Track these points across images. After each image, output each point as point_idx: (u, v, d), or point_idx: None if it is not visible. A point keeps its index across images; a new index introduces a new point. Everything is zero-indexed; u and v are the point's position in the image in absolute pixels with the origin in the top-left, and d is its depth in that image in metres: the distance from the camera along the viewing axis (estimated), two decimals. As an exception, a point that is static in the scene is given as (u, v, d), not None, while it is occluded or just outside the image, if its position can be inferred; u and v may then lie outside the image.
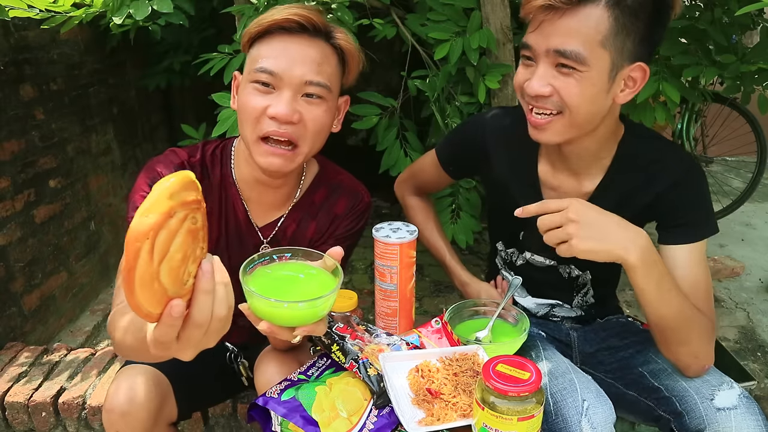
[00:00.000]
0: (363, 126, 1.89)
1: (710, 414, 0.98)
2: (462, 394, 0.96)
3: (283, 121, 0.99)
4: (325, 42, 1.04)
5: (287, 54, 1.00)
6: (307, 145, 1.04)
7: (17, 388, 1.63)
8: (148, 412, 1.08)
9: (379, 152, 1.91)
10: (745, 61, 1.55)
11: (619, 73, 0.99)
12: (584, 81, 0.98)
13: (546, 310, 1.34)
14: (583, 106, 1.00)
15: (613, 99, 1.03)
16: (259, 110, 1.00)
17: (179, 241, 0.58)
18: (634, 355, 1.20)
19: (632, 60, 0.99)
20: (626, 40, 0.96)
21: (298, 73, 1.00)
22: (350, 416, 0.95)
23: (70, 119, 2.33)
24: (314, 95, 1.02)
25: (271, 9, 1.03)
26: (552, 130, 1.05)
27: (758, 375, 1.91)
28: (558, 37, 0.96)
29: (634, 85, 1.02)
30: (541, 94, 1.01)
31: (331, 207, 1.19)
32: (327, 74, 1.03)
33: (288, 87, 1.00)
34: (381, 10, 1.92)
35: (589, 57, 0.96)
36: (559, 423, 0.97)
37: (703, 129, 3.55)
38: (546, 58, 0.99)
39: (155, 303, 0.57)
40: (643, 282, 0.96)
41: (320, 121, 1.04)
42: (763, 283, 2.58)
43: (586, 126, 1.05)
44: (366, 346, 1.08)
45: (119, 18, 1.58)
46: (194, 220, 0.60)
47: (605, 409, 0.97)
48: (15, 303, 1.99)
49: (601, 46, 0.96)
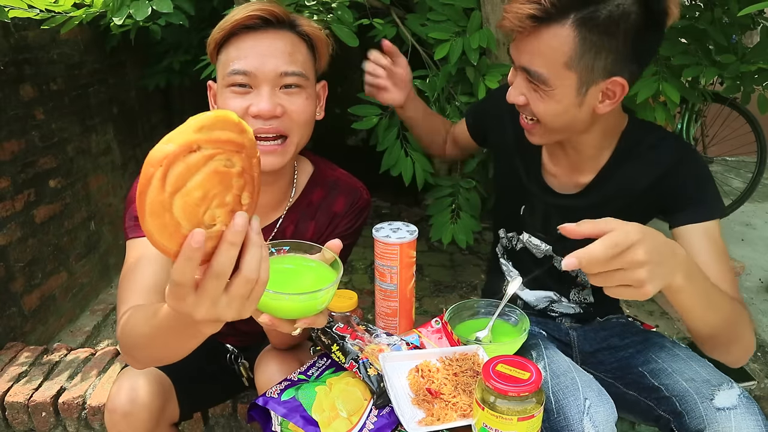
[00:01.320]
0: (363, 126, 1.89)
1: (710, 414, 0.98)
2: (462, 394, 0.96)
3: (267, 117, 1.00)
4: (291, 32, 1.04)
5: (257, 51, 1.00)
6: (296, 135, 1.05)
7: (17, 388, 1.63)
8: (150, 413, 1.07)
9: (379, 152, 1.91)
10: (745, 61, 1.54)
11: (592, 87, 0.99)
12: (548, 98, 1.01)
13: (545, 304, 1.34)
14: (553, 119, 1.04)
15: (593, 109, 1.03)
16: (241, 112, 1.00)
17: (200, 179, 0.55)
18: (634, 354, 1.20)
19: (606, 76, 0.97)
20: (597, 58, 0.95)
21: (271, 66, 1.00)
22: (350, 416, 0.95)
23: (70, 119, 2.33)
24: (292, 85, 1.03)
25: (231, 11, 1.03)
26: (536, 134, 1.11)
27: (758, 375, 1.91)
28: (525, 56, 1.00)
29: (614, 96, 1.01)
30: (516, 103, 1.07)
31: (329, 206, 1.19)
32: (300, 62, 1.03)
33: (265, 83, 1.00)
34: (381, 10, 1.92)
35: (551, 78, 0.98)
36: (561, 422, 0.97)
37: (703, 129, 3.55)
38: (520, 72, 1.04)
39: (167, 236, 0.55)
40: (691, 300, 0.88)
41: (304, 109, 1.04)
42: (763, 283, 2.58)
43: (566, 132, 1.08)
44: (366, 346, 1.08)
45: (119, 18, 1.58)
46: (228, 162, 0.56)
47: (607, 408, 0.97)
48: (15, 303, 1.99)
49: (566, 67, 0.96)
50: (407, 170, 1.85)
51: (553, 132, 1.08)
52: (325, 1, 1.72)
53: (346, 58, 1.47)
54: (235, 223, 0.57)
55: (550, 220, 1.24)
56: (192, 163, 0.54)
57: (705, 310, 0.91)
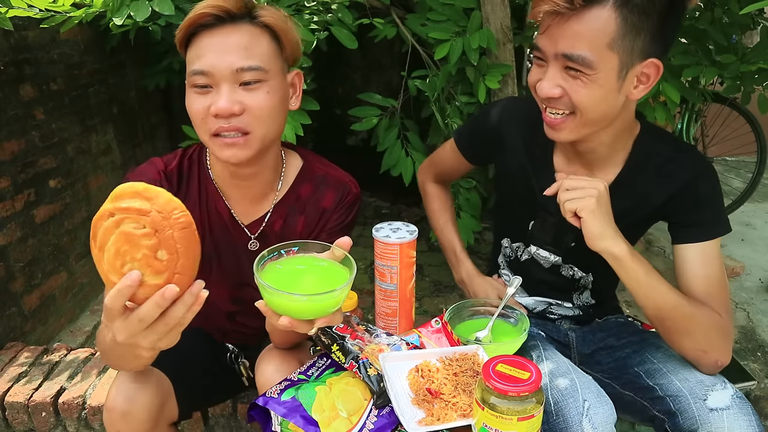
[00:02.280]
0: (363, 127, 1.89)
1: (703, 414, 0.98)
2: (462, 394, 0.96)
3: (225, 115, 0.99)
4: (250, 24, 1.01)
5: (212, 49, 0.99)
6: (260, 129, 1.02)
7: (17, 388, 1.63)
8: (149, 413, 1.07)
9: (379, 153, 1.91)
10: (745, 61, 1.54)
11: (630, 71, 0.99)
12: (592, 83, 0.98)
13: (543, 306, 1.34)
14: (594, 107, 1.01)
15: (627, 96, 1.03)
16: (203, 111, 1.00)
17: (113, 239, 0.71)
18: (630, 355, 1.20)
19: (643, 57, 0.98)
20: (636, 39, 0.95)
21: (226, 64, 0.98)
22: (350, 416, 0.95)
23: (70, 119, 2.33)
24: (252, 81, 1.00)
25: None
26: (566, 129, 1.06)
27: (758, 375, 1.91)
28: (565, 41, 0.96)
29: (647, 80, 1.02)
30: (551, 96, 1.02)
31: (318, 201, 1.18)
32: (259, 55, 1.00)
33: (222, 81, 0.99)
34: (381, 10, 1.92)
35: (597, 60, 0.96)
36: (560, 423, 0.97)
37: (703, 129, 3.55)
38: (555, 61, 1.00)
39: (104, 277, 0.74)
40: (632, 270, 1.03)
41: (265, 104, 1.01)
42: (763, 283, 2.58)
43: (599, 123, 1.06)
44: (366, 346, 1.08)
45: (119, 19, 1.58)
46: (137, 225, 0.70)
47: (606, 409, 0.97)
48: (15, 303, 1.99)
49: (609, 48, 0.95)
50: (407, 170, 1.86)
51: (586, 124, 1.04)
52: (325, 2, 1.72)
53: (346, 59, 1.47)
54: (165, 291, 0.71)
55: (563, 235, 1.22)
56: (107, 226, 0.72)
57: (647, 287, 1.04)
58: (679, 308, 1.04)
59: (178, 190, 1.15)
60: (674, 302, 1.04)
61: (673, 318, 1.05)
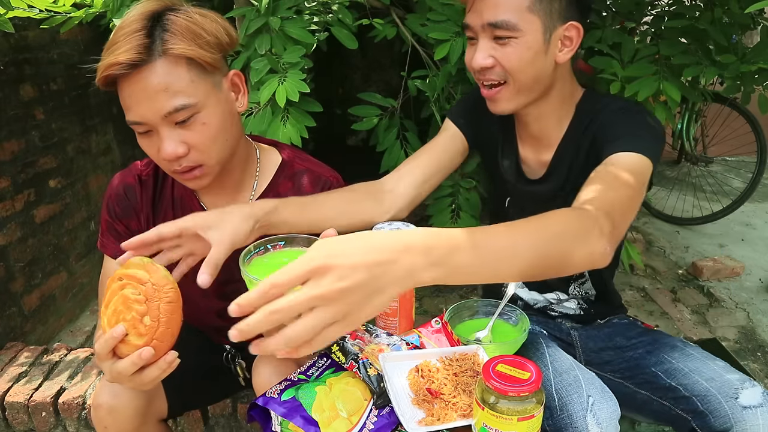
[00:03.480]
0: (363, 127, 1.89)
1: (736, 413, 0.98)
2: (462, 394, 0.96)
3: (172, 159, 0.98)
4: (162, 58, 0.93)
5: (135, 99, 0.94)
6: (213, 157, 1.00)
7: (17, 388, 1.63)
8: (136, 408, 1.08)
9: (379, 153, 1.91)
10: (745, 61, 1.54)
11: (554, 33, 1.07)
12: (520, 46, 1.06)
13: (544, 303, 1.34)
14: (525, 70, 1.08)
15: (555, 60, 1.10)
16: (155, 155, 1.00)
17: (115, 299, 0.84)
18: (644, 355, 1.20)
19: (563, 20, 1.07)
20: (552, 2, 1.05)
21: (153, 112, 0.94)
22: (350, 416, 0.95)
23: (70, 119, 2.33)
24: (185, 119, 0.95)
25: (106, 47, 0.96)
26: (503, 99, 1.13)
27: (758, 375, 1.91)
28: (489, 11, 1.06)
29: (571, 44, 1.10)
30: (484, 66, 1.09)
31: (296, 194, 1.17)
32: (181, 92, 0.94)
33: (158, 126, 0.95)
34: (381, 10, 1.92)
35: (520, 23, 1.05)
36: (564, 419, 0.97)
37: (703, 129, 3.55)
38: (483, 33, 1.08)
39: (104, 327, 0.86)
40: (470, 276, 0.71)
41: (206, 136, 0.98)
42: (763, 283, 2.58)
43: (533, 89, 1.12)
44: (366, 346, 1.08)
45: (119, 19, 1.58)
46: (135, 291, 0.82)
47: (610, 405, 0.97)
48: (15, 303, 1.99)
49: (530, 11, 1.04)
50: (407, 170, 1.85)
51: (520, 90, 1.11)
52: (326, 2, 1.72)
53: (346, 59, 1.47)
54: (142, 352, 0.82)
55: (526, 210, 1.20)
56: (114, 288, 0.85)
57: (497, 266, 0.72)
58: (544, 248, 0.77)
59: (154, 193, 1.17)
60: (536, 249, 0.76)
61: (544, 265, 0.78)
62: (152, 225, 1.14)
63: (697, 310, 2.34)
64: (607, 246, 0.81)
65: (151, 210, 1.17)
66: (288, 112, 1.62)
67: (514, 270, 0.74)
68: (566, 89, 1.18)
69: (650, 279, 2.62)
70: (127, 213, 1.15)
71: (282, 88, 1.52)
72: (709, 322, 2.25)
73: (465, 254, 0.68)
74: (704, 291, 2.49)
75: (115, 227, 1.16)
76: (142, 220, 1.16)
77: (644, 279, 2.62)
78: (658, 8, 1.91)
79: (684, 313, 2.31)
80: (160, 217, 1.17)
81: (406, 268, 0.63)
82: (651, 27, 1.81)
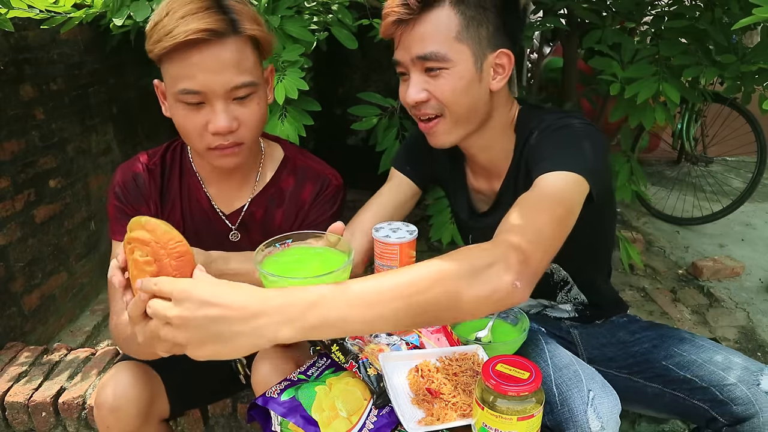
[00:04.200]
0: (363, 126, 1.89)
1: (760, 398, 0.99)
2: (462, 394, 0.96)
3: (225, 133, 1.01)
4: (236, 36, 0.99)
5: (203, 69, 0.97)
6: (251, 138, 1.06)
7: (17, 388, 1.63)
8: (138, 408, 1.09)
9: (378, 152, 1.91)
10: (745, 62, 1.54)
11: (485, 62, 1.05)
12: (452, 76, 1.04)
13: (538, 309, 1.35)
14: (459, 101, 1.06)
15: (489, 88, 1.08)
16: (199, 128, 1.01)
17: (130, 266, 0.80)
18: (651, 350, 1.21)
19: (493, 48, 1.05)
20: (480, 29, 1.03)
21: (221, 83, 0.98)
22: (350, 416, 0.95)
23: (70, 119, 2.33)
24: (244, 95, 1.02)
25: (169, 18, 0.96)
26: (439, 132, 1.11)
27: (758, 375, 1.91)
28: (416, 45, 1.03)
29: (503, 71, 1.08)
30: (418, 100, 1.07)
31: (297, 194, 1.21)
32: (248, 69, 1.01)
33: (217, 99, 0.99)
34: (381, 10, 1.92)
35: (449, 53, 1.02)
36: (565, 413, 0.97)
37: (703, 129, 3.55)
38: (414, 67, 1.06)
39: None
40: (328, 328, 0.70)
41: (257, 115, 1.05)
42: (763, 283, 2.58)
43: (470, 119, 1.10)
44: (366, 346, 1.08)
45: (119, 19, 1.58)
46: (141, 254, 0.78)
47: (611, 400, 0.97)
48: (15, 303, 1.99)
49: (457, 41, 1.02)
50: (407, 170, 1.85)
51: (458, 121, 1.09)
52: (325, 2, 1.72)
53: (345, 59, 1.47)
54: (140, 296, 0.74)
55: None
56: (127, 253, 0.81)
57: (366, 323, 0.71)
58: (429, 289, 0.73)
59: (161, 182, 1.18)
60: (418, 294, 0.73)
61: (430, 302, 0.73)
62: (161, 214, 1.18)
63: (697, 310, 2.34)
64: (516, 280, 0.76)
65: (159, 199, 1.18)
66: (286, 111, 1.62)
67: (388, 319, 0.71)
68: (505, 115, 1.15)
69: (650, 279, 2.62)
70: (137, 199, 1.17)
71: (281, 85, 1.52)
72: (709, 322, 2.25)
73: (325, 308, 0.69)
74: (704, 291, 2.49)
75: (125, 212, 1.17)
76: (151, 207, 1.18)
77: (644, 279, 2.62)
78: (658, 8, 1.91)
79: (684, 313, 2.31)
80: (168, 206, 1.19)
81: (259, 324, 0.67)
82: (651, 27, 1.81)
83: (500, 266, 0.76)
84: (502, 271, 0.76)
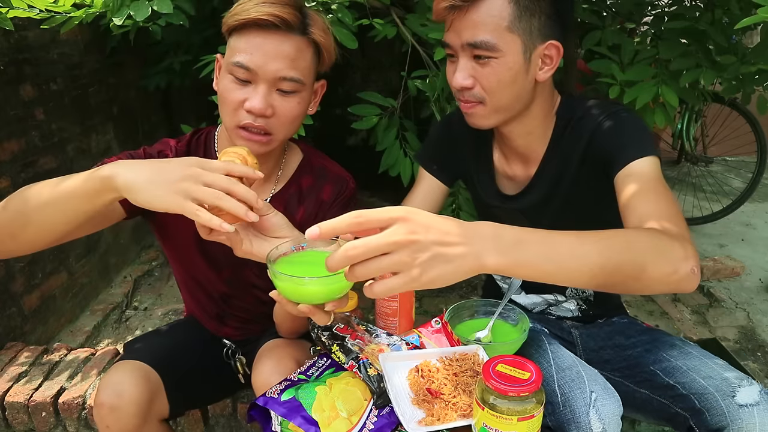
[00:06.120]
0: (363, 126, 1.89)
1: (733, 411, 0.98)
2: (462, 394, 0.96)
3: (257, 114, 1.04)
4: (301, 36, 1.05)
5: (262, 50, 1.02)
6: (281, 133, 1.09)
7: (17, 388, 1.63)
8: (138, 407, 1.09)
9: (378, 152, 1.91)
10: (745, 62, 1.54)
11: (534, 53, 1.06)
12: (500, 66, 1.05)
13: (542, 307, 1.34)
14: (503, 90, 1.07)
15: (535, 78, 1.09)
16: (237, 102, 1.05)
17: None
18: (643, 354, 1.20)
19: (543, 39, 1.06)
20: (532, 19, 1.03)
21: (272, 69, 1.03)
22: (350, 416, 0.96)
23: (70, 119, 2.33)
24: (288, 90, 1.05)
25: (252, 1, 1.04)
26: (478, 114, 1.12)
27: (758, 375, 1.91)
28: (467, 31, 1.04)
29: (551, 62, 1.09)
30: (464, 86, 1.08)
31: (318, 193, 1.23)
32: (301, 69, 1.05)
33: (263, 82, 1.03)
34: (381, 10, 1.92)
35: (500, 43, 1.03)
36: (567, 414, 0.97)
37: (703, 129, 3.55)
38: (463, 52, 1.07)
39: None
40: (533, 273, 0.73)
41: (293, 112, 1.08)
42: (763, 283, 2.58)
43: (511, 108, 1.11)
44: (366, 346, 1.08)
45: (119, 19, 1.58)
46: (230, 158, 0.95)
47: (613, 401, 0.97)
48: (15, 303, 1.99)
49: (509, 30, 1.03)
50: (406, 170, 1.86)
51: (497, 110, 1.11)
52: (325, 2, 1.72)
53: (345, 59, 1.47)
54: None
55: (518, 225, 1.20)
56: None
57: (564, 267, 0.74)
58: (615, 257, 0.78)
59: None
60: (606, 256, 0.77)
61: (613, 272, 0.78)
62: None
63: (697, 310, 2.34)
64: (694, 266, 0.83)
65: None
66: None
67: (584, 272, 0.75)
68: (547, 103, 1.17)
69: (650, 279, 2.62)
70: None
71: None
72: (709, 322, 2.25)
73: (531, 247, 0.72)
74: (704, 291, 2.49)
75: None
76: None
77: (644, 279, 2.62)
78: (658, 9, 1.91)
79: (684, 313, 2.31)
80: None
81: (474, 247, 0.69)
82: (651, 28, 1.81)
83: (682, 251, 0.82)
84: (684, 256, 0.82)
